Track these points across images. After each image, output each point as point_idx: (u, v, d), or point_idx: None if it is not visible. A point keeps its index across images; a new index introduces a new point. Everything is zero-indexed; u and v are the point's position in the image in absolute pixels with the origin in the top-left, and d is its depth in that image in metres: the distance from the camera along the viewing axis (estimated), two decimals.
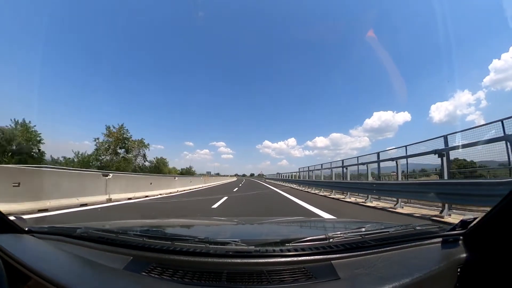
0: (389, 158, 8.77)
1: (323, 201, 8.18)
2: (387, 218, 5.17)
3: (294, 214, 5.30)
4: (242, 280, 0.65)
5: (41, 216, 4.22)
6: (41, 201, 4.73)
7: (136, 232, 0.92)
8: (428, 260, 0.74)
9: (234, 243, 0.76)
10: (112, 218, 4.29)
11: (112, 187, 7.09)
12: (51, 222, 3.76)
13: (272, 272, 0.67)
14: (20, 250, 0.75)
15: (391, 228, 0.93)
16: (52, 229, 1.00)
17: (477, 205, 4.36)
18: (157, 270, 0.70)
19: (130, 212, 5.42)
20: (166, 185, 11.33)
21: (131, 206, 6.14)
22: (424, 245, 0.84)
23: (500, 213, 0.70)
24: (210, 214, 5.16)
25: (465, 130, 6.11)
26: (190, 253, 0.73)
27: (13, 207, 4.13)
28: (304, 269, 0.69)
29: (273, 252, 0.73)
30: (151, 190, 9.34)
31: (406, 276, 0.62)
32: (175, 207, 6.32)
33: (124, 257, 0.76)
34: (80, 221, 3.87)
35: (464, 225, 0.84)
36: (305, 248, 0.75)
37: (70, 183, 5.69)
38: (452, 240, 0.83)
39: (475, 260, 0.72)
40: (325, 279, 0.65)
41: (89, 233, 0.91)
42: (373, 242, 0.81)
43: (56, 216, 4.34)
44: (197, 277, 0.67)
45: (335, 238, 0.80)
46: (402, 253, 0.79)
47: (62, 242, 0.90)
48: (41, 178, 5.08)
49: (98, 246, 0.84)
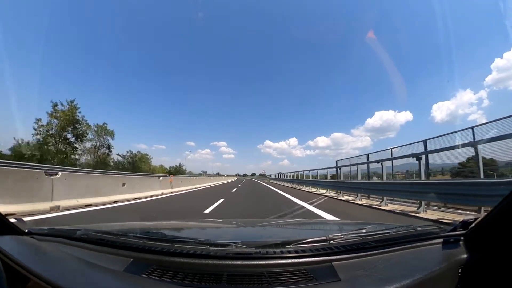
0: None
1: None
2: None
3: None
4: (243, 282, 0.65)
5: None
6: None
7: (136, 234, 0.91)
8: (429, 261, 0.74)
9: (234, 245, 0.75)
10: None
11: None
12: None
13: (273, 274, 0.67)
14: (19, 252, 0.74)
15: (391, 229, 0.93)
16: (52, 231, 1.00)
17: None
18: (158, 272, 0.69)
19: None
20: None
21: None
22: (425, 246, 0.84)
23: (500, 213, 0.70)
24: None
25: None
26: (190, 255, 0.73)
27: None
28: (304, 270, 0.69)
29: (274, 254, 0.73)
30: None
31: (407, 277, 0.62)
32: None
33: (124, 259, 0.76)
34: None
35: (464, 225, 0.84)
36: (306, 249, 0.75)
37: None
38: (453, 240, 0.82)
39: (476, 260, 0.73)
40: (325, 281, 0.65)
41: (89, 235, 0.91)
42: (373, 243, 0.81)
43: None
44: (198, 279, 0.67)
45: (335, 240, 0.80)
46: (403, 254, 0.79)
47: (62, 244, 0.90)
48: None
49: (98, 248, 0.84)
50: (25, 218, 4.13)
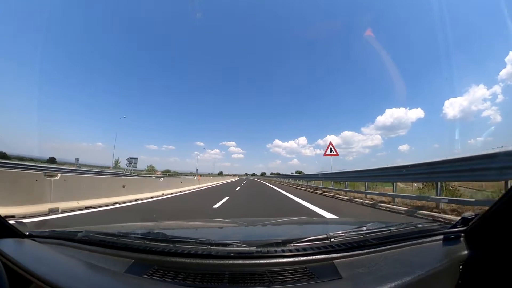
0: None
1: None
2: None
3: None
4: (244, 281, 0.65)
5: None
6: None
7: (137, 235, 0.91)
8: (430, 258, 0.74)
9: (235, 244, 0.75)
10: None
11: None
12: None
13: (274, 273, 0.67)
14: (21, 255, 0.74)
15: (392, 227, 0.93)
16: (53, 233, 1.00)
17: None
18: (159, 272, 0.69)
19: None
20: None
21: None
22: (426, 243, 0.84)
23: (500, 209, 0.70)
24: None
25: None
26: (191, 255, 0.73)
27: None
28: (306, 269, 0.69)
29: (275, 253, 0.73)
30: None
31: (408, 274, 0.62)
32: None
33: (125, 260, 0.76)
34: None
35: (465, 222, 0.84)
36: (307, 248, 0.75)
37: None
38: (453, 237, 0.83)
39: (477, 257, 0.73)
40: (327, 279, 0.65)
41: (90, 237, 0.90)
42: (374, 241, 0.81)
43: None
44: (199, 279, 0.67)
45: (336, 238, 0.80)
46: (404, 252, 0.80)
47: (63, 246, 0.90)
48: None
49: (99, 250, 0.84)
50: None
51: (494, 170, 3.57)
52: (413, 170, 5.55)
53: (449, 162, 4.55)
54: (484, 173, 3.87)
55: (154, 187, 9.83)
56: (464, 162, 4.26)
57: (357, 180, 8.67)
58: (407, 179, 6.33)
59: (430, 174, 5.08)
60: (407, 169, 5.66)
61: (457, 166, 4.41)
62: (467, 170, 4.20)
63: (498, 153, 3.58)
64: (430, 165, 5.01)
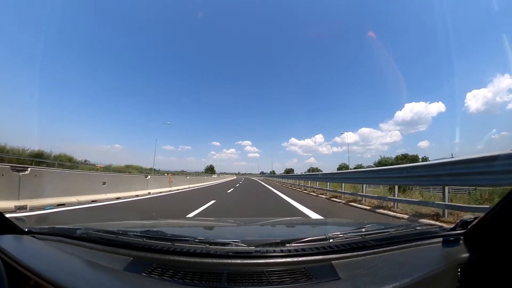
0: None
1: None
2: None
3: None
4: (242, 281, 0.65)
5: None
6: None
7: (136, 233, 0.91)
8: (428, 260, 0.74)
9: (234, 244, 0.75)
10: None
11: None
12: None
13: (272, 273, 0.67)
14: (20, 251, 0.74)
15: (391, 228, 0.93)
16: (52, 229, 1.00)
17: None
18: (158, 270, 0.69)
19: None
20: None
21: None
22: (425, 245, 0.84)
23: (500, 212, 0.70)
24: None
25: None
26: (190, 254, 0.73)
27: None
28: (304, 269, 0.69)
29: (273, 253, 0.73)
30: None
31: (407, 276, 0.62)
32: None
33: (124, 257, 0.76)
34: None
35: (464, 225, 0.84)
36: (305, 248, 0.75)
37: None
38: (452, 240, 0.82)
39: (476, 260, 0.72)
40: (325, 280, 0.65)
41: (89, 234, 0.90)
42: (373, 242, 0.81)
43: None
44: (198, 277, 0.67)
45: (335, 238, 0.79)
46: (403, 253, 0.79)
47: (62, 243, 0.90)
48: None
49: (98, 247, 0.84)
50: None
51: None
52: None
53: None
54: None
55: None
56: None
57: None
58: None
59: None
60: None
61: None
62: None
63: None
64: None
